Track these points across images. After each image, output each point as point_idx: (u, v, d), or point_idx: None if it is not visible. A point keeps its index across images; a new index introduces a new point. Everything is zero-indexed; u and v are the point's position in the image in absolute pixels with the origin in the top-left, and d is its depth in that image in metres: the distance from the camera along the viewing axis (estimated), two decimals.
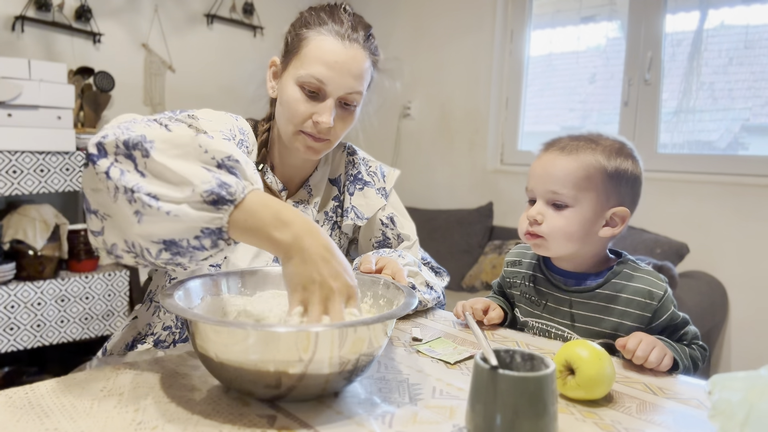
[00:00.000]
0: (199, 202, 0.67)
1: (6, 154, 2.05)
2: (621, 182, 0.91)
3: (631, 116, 2.61)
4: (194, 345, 0.67)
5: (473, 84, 3.15)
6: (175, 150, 0.69)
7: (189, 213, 0.66)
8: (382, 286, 0.83)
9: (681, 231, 2.36)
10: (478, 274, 2.67)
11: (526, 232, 0.94)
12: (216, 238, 0.69)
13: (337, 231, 1.17)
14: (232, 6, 3.21)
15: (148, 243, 0.68)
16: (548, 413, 0.56)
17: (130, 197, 0.67)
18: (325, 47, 0.99)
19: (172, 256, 0.70)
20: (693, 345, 0.90)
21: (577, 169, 0.90)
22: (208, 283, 0.81)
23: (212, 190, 0.67)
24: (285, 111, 1.03)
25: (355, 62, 1.01)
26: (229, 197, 0.68)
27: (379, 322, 0.65)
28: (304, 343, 0.61)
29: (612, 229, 0.92)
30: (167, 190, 0.67)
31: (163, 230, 0.67)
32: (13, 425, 0.60)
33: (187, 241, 0.68)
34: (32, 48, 2.57)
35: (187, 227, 0.67)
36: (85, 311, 2.27)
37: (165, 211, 0.66)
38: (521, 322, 1.02)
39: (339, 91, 1.00)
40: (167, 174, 0.68)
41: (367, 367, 0.69)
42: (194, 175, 0.68)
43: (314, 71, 0.99)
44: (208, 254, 0.70)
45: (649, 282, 0.90)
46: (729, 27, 2.40)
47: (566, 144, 0.93)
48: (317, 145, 1.04)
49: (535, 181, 0.94)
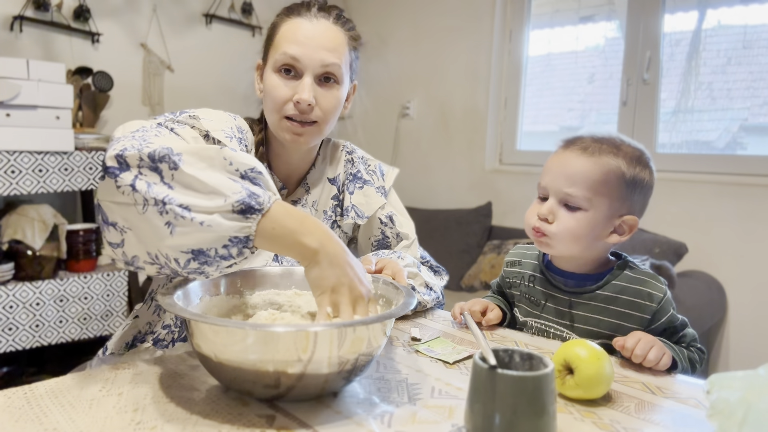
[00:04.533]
0: (230, 212, 0.69)
1: (4, 154, 2.05)
2: (635, 191, 0.90)
3: (629, 116, 2.61)
4: (192, 345, 0.67)
5: (472, 84, 3.15)
6: (202, 163, 0.71)
7: (221, 223, 0.68)
8: (382, 285, 0.84)
9: (680, 231, 2.36)
10: (477, 274, 2.67)
11: (534, 228, 0.93)
12: (242, 246, 0.71)
13: (337, 230, 1.17)
14: (231, 6, 3.21)
15: (177, 253, 0.69)
16: (547, 413, 0.56)
17: (162, 209, 0.68)
18: (294, 27, 1.01)
19: (199, 266, 0.71)
20: (691, 347, 0.91)
21: (596, 173, 0.88)
22: (207, 283, 0.81)
23: (243, 200, 0.69)
24: (268, 101, 1.04)
25: (325, 36, 1.01)
26: (258, 206, 0.70)
27: (378, 322, 0.65)
28: (303, 342, 0.61)
29: (619, 237, 0.91)
30: (199, 200, 0.69)
31: (194, 240, 0.69)
32: (12, 425, 0.60)
33: (215, 250, 0.70)
34: (31, 48, 2.56)
35: (218, 237, 0.69)
36: (83, 311, 2.27)
37: (198, 222, 0.68)
38: (520, 321, 1.02)
39: (314, 66, 1.00)
40: (197, 185, 0.69)
41: (366, 367, 0.69)
42: (225, 186, 0.70)
43: (286, 49, 1.00)
44: (234, 262, 0.72)
45: (649, 284, 0.90)
46: (727, 27, 2.41)
47: (588, 145, 0.90)
48: (303, 129, 1.03)
49: (550, 178, 0.92)
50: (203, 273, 0.72)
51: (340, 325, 0.63)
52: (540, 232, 0.92)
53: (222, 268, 0.72)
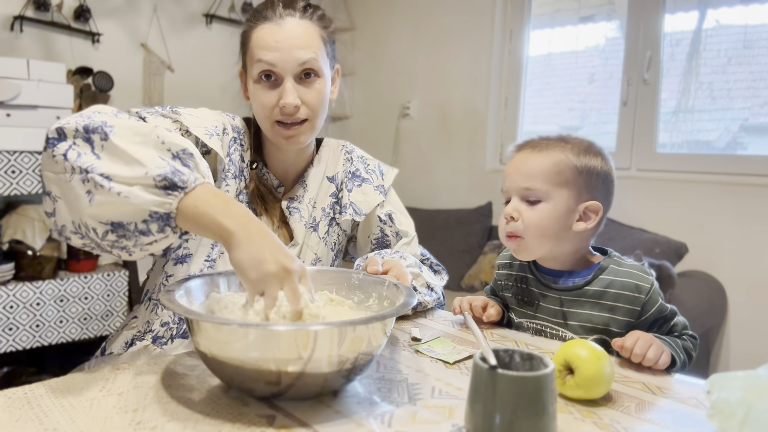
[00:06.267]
0: (151, 186, 0.69)
1: (5, 154, 2.05)
2: (591, 178, 0.93)
3: (630, 116, 2.61)
4: (195, 343, 0.68)
5: (472, 84, 3.15)
6: (134, 137, 0.73)
7: (139, 195, 0.69)
8: (387, 287, 0.84)
9: (680, 231, 2.36)
10: (477, 274, 2.67)
11: (506, 233, 0.96)
12: (163, 224, 0.71)
13: (335, 227, 1.17)
14: (231, 6, 3.21)
15: (96, 223, 0.70)
16: (547, 413, 0.56)
17: (84, 177, 0.70)
18: (264, 34, 1.01)
19: (117, 239, 0.72)
20: (684, 336, 0.92)
21: (548, 165, 0.93)
22: (208, 282, 0.81)
23: (165, 175, 0.70)
24: (257, 109, 1.05)
25: (295, 35, 1.00)
26: (181, 184, 0.71)
27: (378, 321, 0.65)
28: (303, 340, 0.61)
29: (585, 224, 0.93)
30: (120, 170, 0.70)
31: (113, 212, 0.70)
32: (12, 425, 0.60)
33: (135, 224, 0.70)
34: (31, 48, 2.56)
35: (137, 210, 0.69)
36: (84, 311, 2.27)
37: (116, 192, 0.69)
38: (516, 323, 1.02)
39: (291, 68, 1.00)
40: (123, 156, 0.71)
41: (366, 367, 0.69)
42: (149, 159, 0.71)
43: (261, 57, 1.00)
44: (153, 239, 0.72)
45: (636, 276, 0.91)
46: (728, 27, 2.41)
47: (537, 143, 0.96)
48: (293, 131, 1.03)
49: (509, 180, 0.96)
50: (124, 249, 0.73)
51: (340, 323, 0.63)
52: (512, 236, 0.95)
53: (142, 245, 0.72)
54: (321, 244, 1.13)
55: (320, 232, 1.13)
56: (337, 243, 1.17)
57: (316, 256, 1.12)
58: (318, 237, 1.13)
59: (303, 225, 1.11)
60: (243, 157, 1.07)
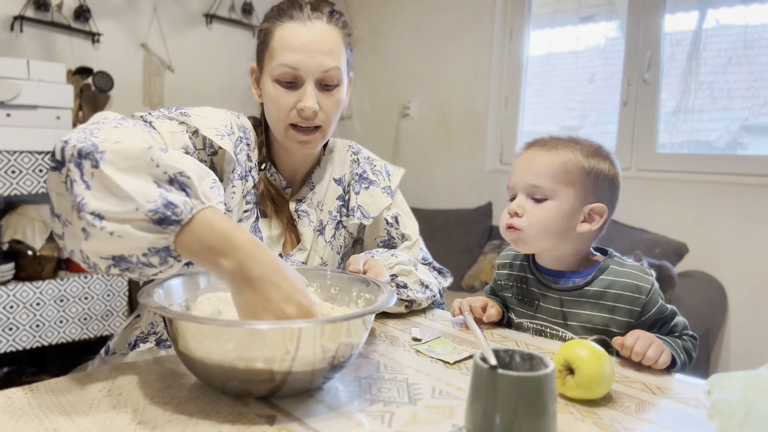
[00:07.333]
0: (144, 221, 0.65)
1: (5, 154, 2.05)
2: (598, 180, 0.94)
3: (630, 116, 2.61)
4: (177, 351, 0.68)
5: (472, 84, 3.15)
6: (125, 162, 0.67)
7: (132, 233, 0.65)
8: (362, 284, 0.87)
9: (680, 231, 2.36)
10: (478, 274, 2.67)
11: (507, 225, 0.96)
12: (165, 255, 0.68)
13: (341, 230, 1.16)
14: (231, 6, 3.21)
15: (97, 258, 0.67)
16: (547, 413, 0.56)
17: (77, 213, 0.66)
18: (289, 34, 0.99)
19: (121, 272, 0.69)
20: (684, 336, 0.92)
21: (556, 163, 0.93)
22: (187, 281, 0.82)
23: (156, 210, 0.65)
24: (271, 110, 1.03)
25: (322, 39, 0.99)
26: (174, 218, 0.66)
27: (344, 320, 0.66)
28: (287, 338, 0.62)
29: (589, 225, 0.94)
30: (111, 206, 0.65)
31: (110, 248, 0.66)
32: (12, 425, 0.60)
33: (137, 257, 0.67)
34: (31, 48, 2.56)
35: (134, 246, 0.66)
36: (84, 311, 2.27)
37: (108, 231, 0.64)
38: (516, 323, 1.02)
39: (314, 72, 0.99)
40: (113, 188, 0.65)
41: (351, 358, 0.70)
42: (140, 192, 0.65)
43: (284, 60, 0.98)
44: (158, 270, 0.69)
45: (636, 276, 0.91)
46: (728, 27, 2.41)
47: (547, 142, 0.96)
48: (308, 137, 1.02)
49: (516, 177, 0.96)
50: (131, 277, 0.70)
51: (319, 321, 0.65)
52: (512, 228, 0.95)
53: (148, 275, 0.70)
54: (327, 248, 1.12)
55: (327, 235, 1.13)
56: (343, 246, 1.17)
57: (323, 260, 1.11)
58: (325, 241, 1.12)
59: (312, 230, 1.11)
60: (249, 157, 1.05)
